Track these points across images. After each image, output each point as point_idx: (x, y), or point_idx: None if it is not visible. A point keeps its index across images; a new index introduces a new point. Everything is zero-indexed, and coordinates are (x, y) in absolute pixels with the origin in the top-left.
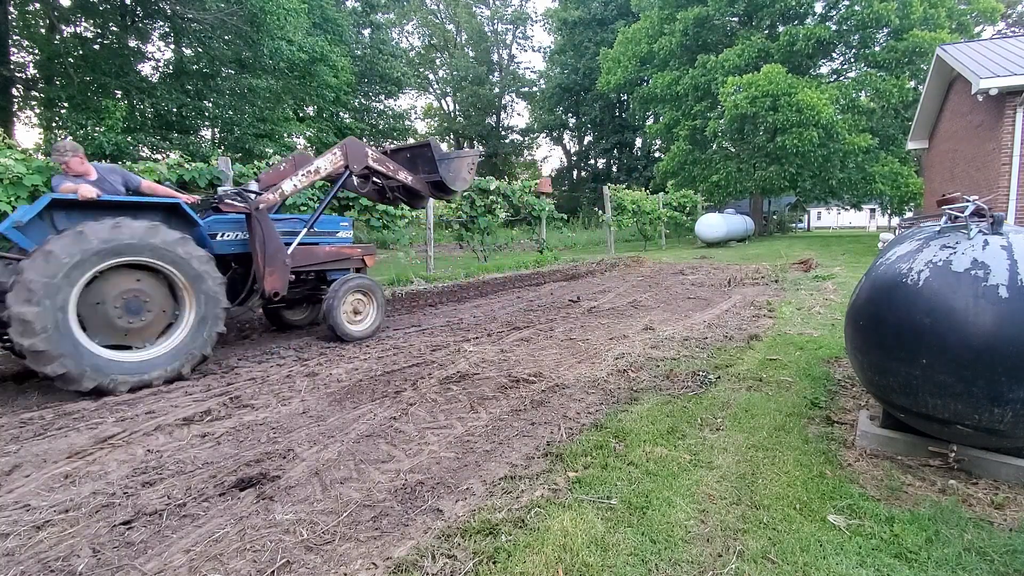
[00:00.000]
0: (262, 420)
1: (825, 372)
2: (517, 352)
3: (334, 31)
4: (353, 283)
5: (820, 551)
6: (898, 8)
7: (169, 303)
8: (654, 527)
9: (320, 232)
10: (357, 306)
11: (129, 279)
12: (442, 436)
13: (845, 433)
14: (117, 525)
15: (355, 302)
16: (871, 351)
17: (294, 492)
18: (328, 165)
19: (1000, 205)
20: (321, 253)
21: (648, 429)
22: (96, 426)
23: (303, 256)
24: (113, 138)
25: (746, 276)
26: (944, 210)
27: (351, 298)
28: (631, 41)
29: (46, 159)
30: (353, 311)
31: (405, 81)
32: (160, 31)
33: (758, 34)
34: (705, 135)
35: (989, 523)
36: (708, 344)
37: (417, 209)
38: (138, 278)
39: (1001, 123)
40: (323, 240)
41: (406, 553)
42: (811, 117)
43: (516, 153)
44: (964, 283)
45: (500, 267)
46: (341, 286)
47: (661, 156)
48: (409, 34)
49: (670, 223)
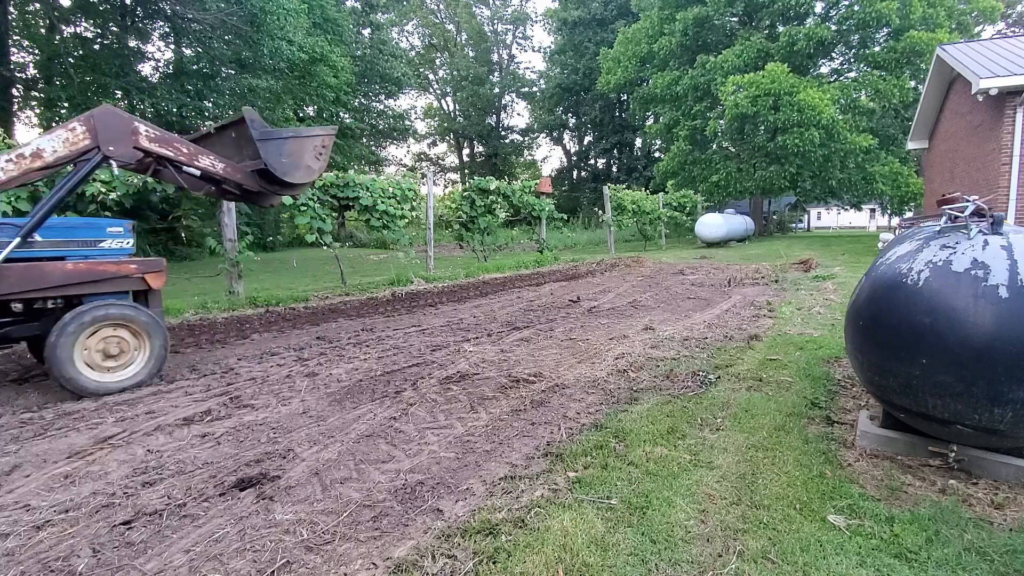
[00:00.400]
0: (262, 420)
1: (825, 372)
2: (517, 352)
3: (334, 31)
4: (99, 313)
5: (820, 551)
6: (898, 8)
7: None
8: (654, 527)
9: (65, 242)
10: (110, 347)
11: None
12: (442, 436)
13: (845, 433)
14: (117, 525)
15: (107, 342)
16: (871, 351)
17: (294, 492)
18: (59, 146)
19: (1000, 205)
20: (58, 273)
21: (648, 429)
22: (96, 426)
23: (22, 277)
24: None
25: (746, 276)
26: (944, 210)
27: (97, 337)
28: (631, 41)
29: None
30: (103, 355)
31: (405, 81)
32: (160, 31)
33: (758, 34)
34: (705, 135)
35: (989, 523)
36: (708, 344)
37: (263, 207)
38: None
39: (1001, 123)
40: (70, 252)
41: (406, 553)
42: (812, 117)
43: (516, 153)
44: (964, 283)
45: (500, 267)
46: (76, 318)
47: (661, 156)
48: (409, 34)
49: (670, 223)
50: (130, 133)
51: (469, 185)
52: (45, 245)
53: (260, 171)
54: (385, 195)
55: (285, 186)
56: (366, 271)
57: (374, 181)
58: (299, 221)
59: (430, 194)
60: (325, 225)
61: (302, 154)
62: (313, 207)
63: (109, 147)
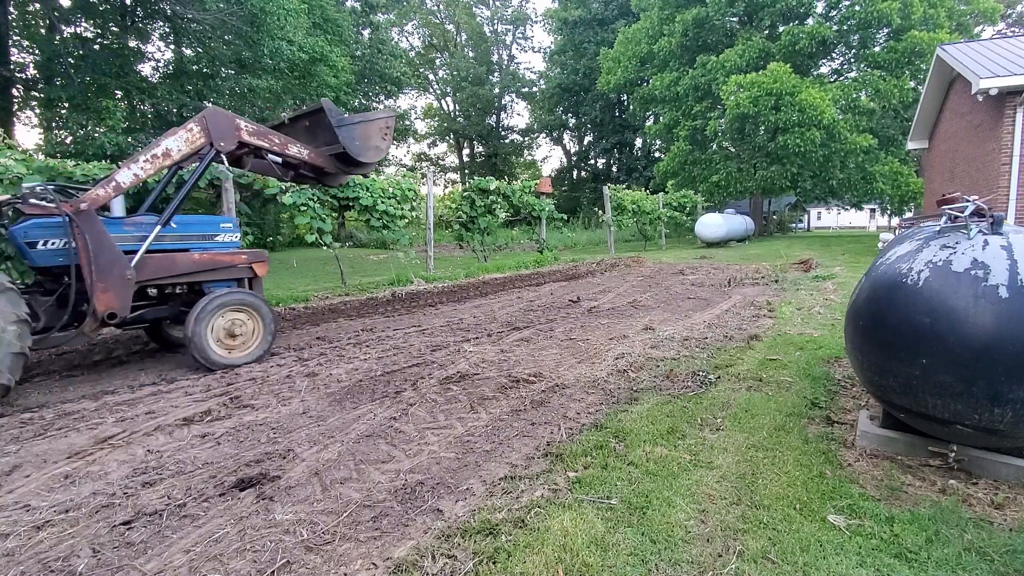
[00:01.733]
0: (262, 420)
1: (825, 372)
2: (517, 352)
3: (334, 31)
4: (227, 299)
5: (820, 551)
6: (899, 8)
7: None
8: (654, 527)
9: (188, 236)
10: (234, 327)
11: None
12: (442, 436)
13: (845, 433)
14: (117, 525)
15: (231, 323)
16: (871, 351)
17: (294, 492)
18: (182, 145)
19: (1000, 205)
20: (186, 262)
21: (648, 429)
22: (96, 426)
23: (158, 266)
24: (114, 139)
25: (746, 276)
26: (944, 210)
27: (224, 319)
28: (631, 41)
29: (46, 159)
30: (227, 334)
31: (405, 81)
32: (160, 31)
33: (758, 34)
34: (705, 135)
35: (989, 523)
36: (708, 344)
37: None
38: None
39: (1001, 123)
40: (193, 245)
41: (406, 553)
42: (813, 117)
43: (516, 153)
44: (964, 283)
45: (500, 267)
46: (210, 303)
47: (661, 156)
48: (409, 34)
49: (670, 223)
50: (234, 129)
51: (469, 185)
52: (172, 239)
53: (337, 154)
54: (385, 195)
55: (359, 165)
56: (366, 271)
57: (374, 181)
58: (299, 221)
59: (430, 194)
60: (325, 225)
61: (370, 136)
62: (313, 207)
63: (220, 143)
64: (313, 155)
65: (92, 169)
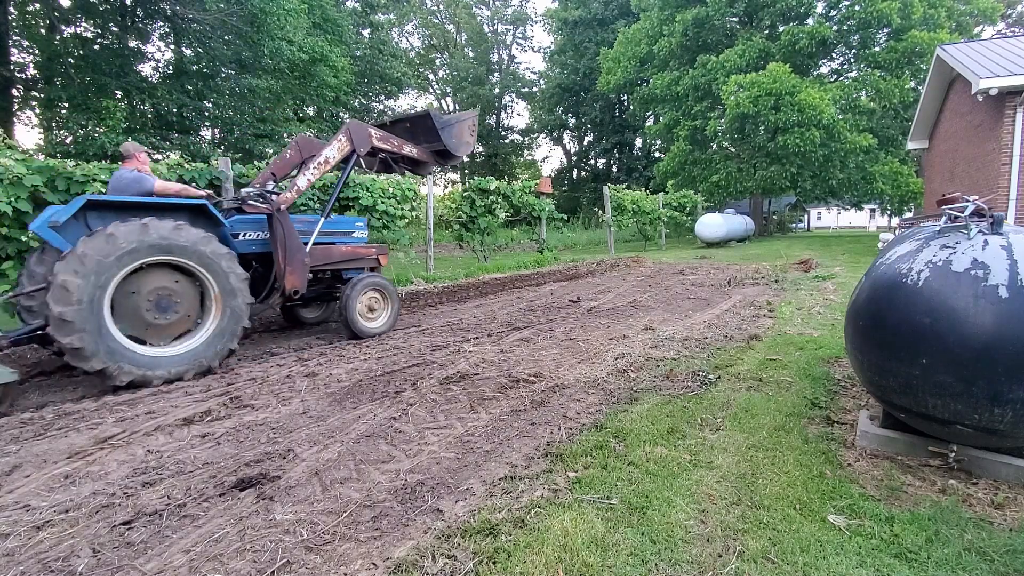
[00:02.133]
0: (262, 420)
1: (825, 372)
2: (517, 352)
3: (334, 31)
4: (368, 281)
5: (820, 551)
6: (899, 8)
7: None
8: (654, 527)
9: (336, 232)
10: (372, 304)
11: (163, 277)
12: (442, 436)
13: (845, 433)
14: (117, 525)
15: (370, 300)
16: (871, 351)
17: (294, 492)
18: (336, 153)
19: (1000, 205)
20: (337, 253)
21: (648, 429)
22: (96, 426)
23: (320, 255)
24: (115, 138)
25: (746, 276)
26: (944, 210)
27: (366, 296)
28: (631, 41)
29: (46, 159)
30: (368, 309)
31: (405, 81)
32: (160, 31)
33: (759, 34)
34: (705, 135)
35: (989, 523)
36: (708, 344)
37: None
38: (176, 279)
39: (1001, 123)
40: (339, 240)
41: (406, 553)
42: (813, 117)
43: (516, 153)
44: (964, 283)
45: (500, 267)
46: (357, 284)
47: (661, 156)
48: (409, 34)
49: (670, 223)
50: (368, 137)
51: (469, 185)
52: (325, 234)
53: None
54: (385, 195)
55: (453, 158)
56: None
57: (374, 181)
58: None
59: (430, 194)
60: None
61: (463, 134)
62: (313, 207)
63: (360, 149)
64: (420, 152)
65: (92, 169)
